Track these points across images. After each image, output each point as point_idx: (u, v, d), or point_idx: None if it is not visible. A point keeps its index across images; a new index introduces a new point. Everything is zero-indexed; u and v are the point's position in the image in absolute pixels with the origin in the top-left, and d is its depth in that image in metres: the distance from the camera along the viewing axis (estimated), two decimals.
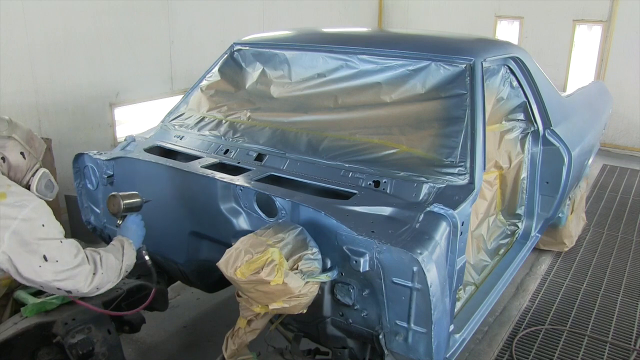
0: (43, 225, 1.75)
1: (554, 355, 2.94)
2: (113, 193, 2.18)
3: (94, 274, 1.84)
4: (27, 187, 1.97)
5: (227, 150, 2.60)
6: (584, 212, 4.50)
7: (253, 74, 3.03)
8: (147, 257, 2.27)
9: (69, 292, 1.81)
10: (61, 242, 1.79)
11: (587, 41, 6.72)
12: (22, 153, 1.95)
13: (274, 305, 1.89)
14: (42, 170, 2.02)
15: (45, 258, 1.74)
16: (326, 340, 2.24)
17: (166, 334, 3.11)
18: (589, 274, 3.81)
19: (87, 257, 1.84)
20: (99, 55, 4.52)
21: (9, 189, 1.78)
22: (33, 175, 2.01)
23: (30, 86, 4.09)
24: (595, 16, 6.51)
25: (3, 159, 1.93)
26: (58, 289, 1.79)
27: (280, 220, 2.08)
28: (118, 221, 2.20)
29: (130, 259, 2.06)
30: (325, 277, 1.93)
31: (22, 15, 3.94)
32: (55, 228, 1.80)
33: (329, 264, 1.98)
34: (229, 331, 2.14)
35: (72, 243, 1.83)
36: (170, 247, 2.52)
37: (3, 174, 1.89)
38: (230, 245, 1.95)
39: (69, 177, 1.88)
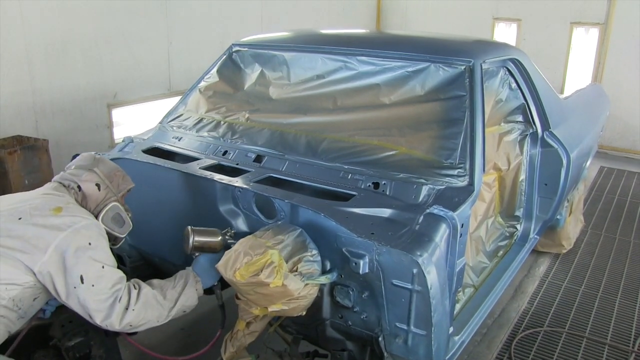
0: (89, 244, 1.74)
1: (552, 357, 2.94)
2: (188, 227, 2.03)
3: (126, 309, 1.78)
4: (96, 217, 1.97)
5: (225, 152, 2.59)
6: (582, 214, 4.51)
7: (252, 75, 3.02)
8: (221, 299, 2.15)
9: (102, 324, 1.76)
10: (103, 267, 1.75)
11: (584, 44, 6.74)
12: (97, 185, 1.98)
13: (273, 308, 1.88)
14: (113, 203, 2.02)
15: (82, 279, 1.70)
16: (325, 342, 2.23)
17: (164, 336, 3.09)
18: (587, 276, 3.82)
19: (126, 291, 1.79)
20: (97, 56, 4.50)
21: (67, 206, 1.83)
22: (104, 207, 2.01)
23: (28, 87, 4.07)
24: (592, 19, 6.53)
25: (79, 187, 1.97)
26: (90, 316, 1.76)
27: (280, 222, 2.08)
28: (196, 253, 2.06)
29: (189, 300, 1.97)
30: (325, 279, 1.92)
31: (20, 15, 3.93)
32: (104, 252, 1.79)
33: (328, 266, 1.98)
34: (227, 333, 2.13)
35: (116, 273, 1.80)
36: (168, 248, 2.51)
37: (77, 201, 1.94)
38: (229, 247, 1.94)
39: None
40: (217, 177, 2.26)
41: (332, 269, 1.97)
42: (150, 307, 1.84)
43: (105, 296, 1.74)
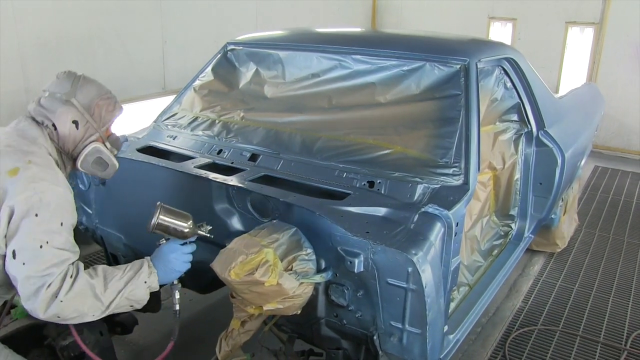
0: (36, 216, 1.52)
1: (546, 356, 2.95)
2: (158, 202, 1.82)
3: (55, 296, 1.52)
4: (75, 161, 1.79)
5: (220, 151, 2.59)
6: (576, 213, 4.53)
7: (247, 73, 3.01)
8: (177, 303, 1.91)
9: (27, 307, 1.54)
10: (41, 246, 1.52)
11: (579, 43, 6.76)
12: (74, 122, 1.72)
13: (268, 306, 1.88)
14: (94, 145, 1.77)
15: (14, 254, 1.52)
16: (320, 341, 2.23)
17: (159, 335, 3.08)
18: (581, 275, 3.83)
19: (59, 277, 1.54)
20: (91, 55, 4.48)
21: (26, 166, 1.58)
22: (83, 148, 1.77)
23: (21, 85, 4.05)
24: (587, 18, 6.55)
25: (54, 126, 1.72)
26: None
27: (275, 221, 2.07)
28: (162, 240, 1.85)
29: (136, 294, 1.69)
30: (320, 278, 1.92)
31: (12, 14, 3.90)
32: (50, 228, 1.54)
33: (323, 265, 1.98)
34: (222, 332, 2.12)
35: (57, 255, 1.55)
36: None
37: (53, 142, 1.73)
38: (224, 246, 1.94)
39: None
40: (212, 175, 2.25)
41: (327, 267, 1.97)
42: (83, 299, 1.58)
43: (33, 279, 1.52)
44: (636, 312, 3.37)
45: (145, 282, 1.71)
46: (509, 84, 3.02)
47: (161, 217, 1.78)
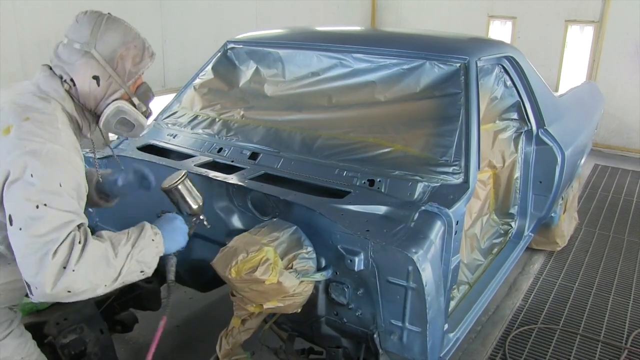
0: (32, 176, 1.35)
1: (546, 354, 2.95)
2: (185, 170, 1.79)
3: (64, 267, 1.32)
4: (98, 120, 1.60)
5: (220, 149, 2.59)
6: (576, 212, 4.53)
7: (247, 72, 3.01)
8: (171, 272, 1.73)
9: (31, 285, 1.34)
10: (38, 207, 1.33)
11: (579, 42, 6.76)
12: (95, 77, 1.52)
13: (269, 305, 1.88)
14: (117, 104, 1.56)
15: (10, 220, 1.35)
16: (320, 339, 2.23)
17: None
18: (581, 273, 3.83)
19: (67, 243, 1.34)
20: None
21: (21, 123, 1.40)
22: (106, 107, 1.56)
23: None
24: (587, 17, 6.55)
25: (73, 81, 1.53)
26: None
27: (275, 219, 2.07)
28: (164, 211, 1.74)
29: (145, 255, 1.51)
30: (320, 276, 1.92)
31: (12, 13, 3.91)
32: (48, 187, 1.35)
33: (323, 263, 1.98)
34: (222, 330, 2.13)
35: (59, 217, 1.35)
36: None
37: (73, 98, 1.54)
38: (224, 244, 1.94)
39: None
40: (212, 174, 2.25)
41: (327, 266, 1.97)
42: (96, 268, 1.38)
43: (34, 246, 1.31)
44: (636, 310, 3.37)
45: (153, 240, 1.55)
46: (508, 83, 3.02)
47: (185, 182, 1.75)
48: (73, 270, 1.33)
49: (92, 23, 1.55)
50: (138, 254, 1.49)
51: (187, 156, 2.55)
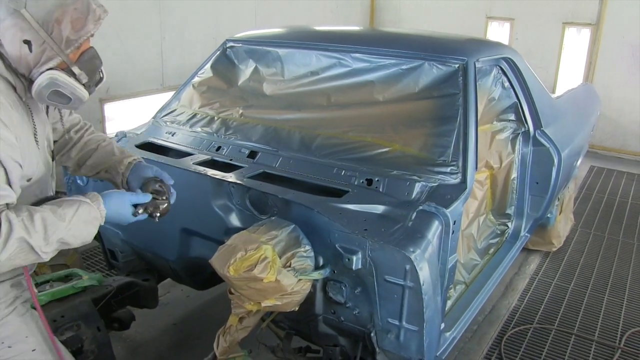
0: None
1: (541, 354, 2.97)
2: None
3: None
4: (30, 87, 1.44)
5: (219, 147, 2.59)
6: (572, 213, 4.55)
7: (245, 71, 3.02)
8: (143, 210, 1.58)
9: None
10: None
11: (576, 44, 6.79)
12: (26, 42, 1.31)
13: (266, 303, 1.89)
14: (49, 75, 1.36)
15: None
16: (318, 338, 2.24)
17: (156, 331, 3.09)
18: (576, 274, 3.86)
19: None
20: None
21: None
22: (40, 75, 1.37)
23: None
24: (584, 19, 6.58)
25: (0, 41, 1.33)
26: None
27: (273, 218, 2.08)
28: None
29: (77, 228, 1.38)
30: (318, 275, 1.93)
31: None
32: None
33: (321, 262, 1.99)
34: (220, 328, 2.13)
35: None
36: (161, 244, 2.50)
37: (3, 57, 1.36)
38: (223, 243, 1.95)
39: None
40: (211, 172, 2.26)
41: (325, 264, 1.98)
42: (21, 257, 1.31)
43: None
44: (630, 310, 3.40)
45: (93, 214, 1.43)
46: (506, 84, 3.04)
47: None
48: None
49: None
50: (72, 237, 1.39)
51: (186, 154, 2.55)
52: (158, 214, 1.65)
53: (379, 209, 2.04)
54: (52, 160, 1.61)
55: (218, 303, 3.29)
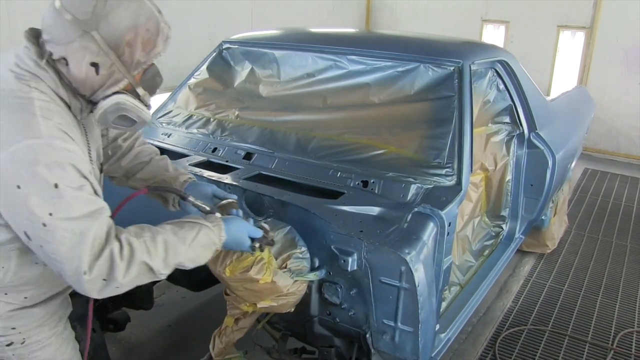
0: (18, 187, 1.14)
1: (535, 355, 2.99)
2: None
3: (104, 280, 1.22)
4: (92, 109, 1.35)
5: (215, 149, 2.60)
6: (566, 215, 4.58)
7: (242, 72, 3.02)
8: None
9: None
10: (44, 225, 1.14)
11: (570, 47, 6.83)
12: (94, 64, 1.23)
13: (262, 304, 1.89)
14: (116, 99, 1.29)
15: (27, 235, 1.18)
16: (313, 339, 2.24)
17: (151, 332, 3.09)
18: (570, 276, 3.88)
19: (105, 258, 1.22)
20: None
21: None
22: (103, 99, 1.29)
23: None
24: (578, 22, 6.62)
25: (66, 62, 1.23)
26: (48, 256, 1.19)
27: (269, 219, 2.08)
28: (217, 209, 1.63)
29: (195, 252, 1.38)
30: (314, 276, 1.94)
31: (6, 15, 3.89)
32: (43, 198, 1.14)
33: (317, 263, 1.99)
34: (216, 330, 2.13)
35: (74, 231, 1.16)
36: None
37: (62, 78, 1.27)
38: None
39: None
40: (207, 173, 2.26)
41: (320, 266, 1.98)
42: (141, 279, 1.30)
43: (61, 265, 1.20)
44: (623, 312, 3.42)
45: (214, 247, 1.45)
46: (501, 86, 3.06)
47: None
48: (117, 287, 1.25)
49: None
50: (189, 259, 1.38)
51: (182, 155, 2.56)
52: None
53: (375, 210, 2.05)
54: (101, 173, 1.56)
55: (214, 304, 3.29)
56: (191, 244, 1.37)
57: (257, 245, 1.63)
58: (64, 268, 1.19)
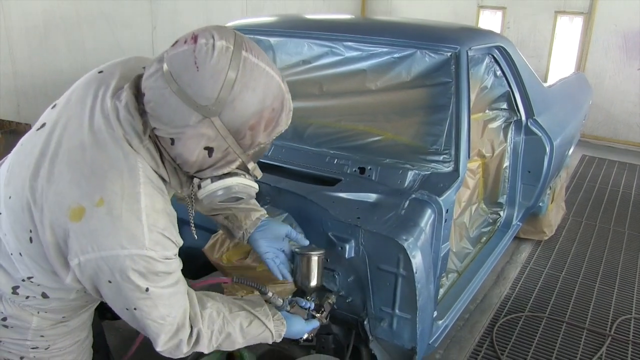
0: (109, 282, 1.14)
1: (533, 342, 3.00)
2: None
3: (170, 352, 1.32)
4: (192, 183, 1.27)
5: None
6: (564, 202, 4.58)
7: None
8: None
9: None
10: (134, 314, 1.20)
11: (568, 33, 6.79)
12: (208, 149, 1.09)
13: None
14: (229, 182, 1.17)
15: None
16: None
17: None
18: (567, 262, 3.89)
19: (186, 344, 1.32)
20: (79, 40, 4.42)
21: (93, 209, 1.06)
22: (214, 180, 1.18)
23: (9, 69, 4.00)
24: (576, 8, 6.58)
25: (172, 141, 1.09)
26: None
27: (266, 206, 2.07)
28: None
29: (248, 343, 1.47)
30: None
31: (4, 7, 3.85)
32: (131, 299, 1.16)
33: None
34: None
35: (160, 329, 1.24)
36: None
37: (162, 151, 1.14)
38: (215, 231, 1.94)
39: None
40: None
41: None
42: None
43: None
44: (621, 299, 3.43)
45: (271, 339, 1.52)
46: (499, 73, 3.03)
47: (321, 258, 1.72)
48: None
49: (222, 76, 1.03)
50: (238, 344, 1.46)
51: None
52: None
53: (372, 197, 2.04)
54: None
55: (211, 291, 3.28)
56: (249, 340, 1.46)
57: (305, 336, 1.69)
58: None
